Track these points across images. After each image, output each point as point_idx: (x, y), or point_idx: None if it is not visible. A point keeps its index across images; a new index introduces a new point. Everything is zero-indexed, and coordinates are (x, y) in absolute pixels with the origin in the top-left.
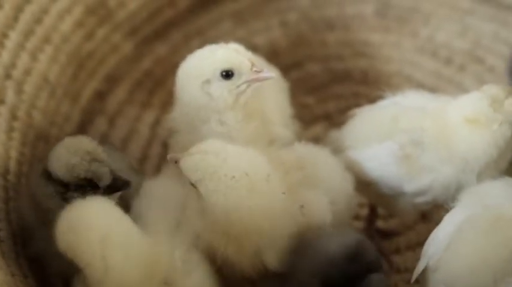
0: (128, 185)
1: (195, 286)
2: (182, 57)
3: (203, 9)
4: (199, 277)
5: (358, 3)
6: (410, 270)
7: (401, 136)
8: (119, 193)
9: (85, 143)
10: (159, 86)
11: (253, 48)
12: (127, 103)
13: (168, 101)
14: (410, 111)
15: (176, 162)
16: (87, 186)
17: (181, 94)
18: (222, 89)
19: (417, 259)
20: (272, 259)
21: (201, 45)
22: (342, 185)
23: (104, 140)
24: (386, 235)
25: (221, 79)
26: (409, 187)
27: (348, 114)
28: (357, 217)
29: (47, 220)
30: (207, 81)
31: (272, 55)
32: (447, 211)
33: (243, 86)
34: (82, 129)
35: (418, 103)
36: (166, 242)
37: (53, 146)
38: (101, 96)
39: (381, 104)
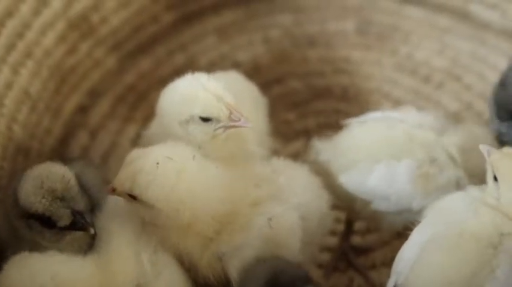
0: (86, 229)
1: (167, 285)
2: (165, 72)
3: (186, 25)
4: (169, 276)
5: (340, 20)
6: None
7: (420, 154)
8: (77, 232)
9: (54, 179)
10: (141, 100)
11: (235, 63)
12: (109, 117)
13: (151, 116)
14: (424, 130)
15: (113, 190)
16: (42, 220)
17: (162, 118)
18: (199, 130)
19: None
20: (235, 270)
21: (184, 61)
22: (315, 202)
23: (85, 154)
24: (362, 251)
25: (199, 122)
26: (419, 204)
27: (340, 126)
28: (332, 233)
29: (18, 235)
30: (186, 121)
31: (254, 71)
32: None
33: (220, 130)
34: (63, 143)
35: (426, 121)
36: (130, 252)
37: (34, 159)
38: (83, 110)
39: (375, 117)
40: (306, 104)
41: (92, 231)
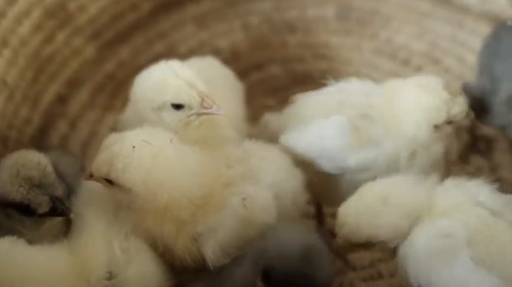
0: (66, 214)
1: (138, 272)
2: (145, 60)
3: (165, 13)
4: (141, 263)
5: (320, 6)
6: (366, 267)
7: (350, 110)
8: (56, 218)
9: (30, 166)
10: (121, 89)
11: (215, 50)
12: (88, 107)
13: None
14: (356, 95)
15: (90, 175)
16: (20, 209)
17: (136, 103)
18: (172, 117)
19: (373, 256)
20: (210, 250)
21: (164, 49)
22: (289, 181)
23: (64, 143)
24: None
25: (171, 109)
26: (354, 159)
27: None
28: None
29: None
30: (158, 108)
31: (234, 57)
32: None
33: (192, 117)
34: (43, 132)
35: (362, 88)
36: (102, 239)
37: (12, 149)
38: (62, 99)
39: (325, 91)
40: (286, 90)
41: (72, 216)
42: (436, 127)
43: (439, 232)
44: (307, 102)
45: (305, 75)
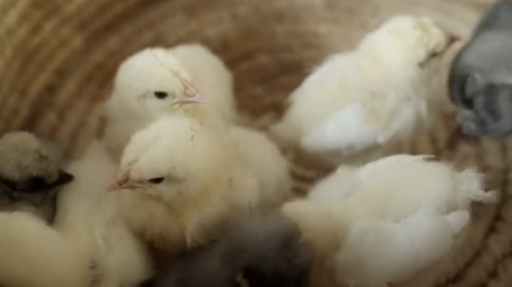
0: (72, 178)
1: (119, 260)
2: (134, 50)
3: (154, 3)
4: (122, 251)
5: None
6: None
7: (359, 95)
8: (62, 185)
9: (31, 142)
10: (109, 79)
11: (204, 40)
12: (77, 97)
13: None
14: (351, 69)
15: (124, 181)
16: (35, 184)
17: (120, 91)
18: (155, 105)
19: None
20: (192, 225)
21: (153, 38)
22: (274, 169)
23: (53, 133)
24: None
25: (155, 97)
26: (383, 138)
27: (285, 104)
28: None
29: None
30: (143, 96)
31: (223, 47)
32: None
33: (176, 105)
34: (31, 123)
35: (352, 62)
36: (83, 228)
37: None
38: (50, 90)
39: (312, 79)
40: (275, 79)
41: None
42: (422, 64)
43: (363, 235)
44: (307, 98)
45: (294, 64)
